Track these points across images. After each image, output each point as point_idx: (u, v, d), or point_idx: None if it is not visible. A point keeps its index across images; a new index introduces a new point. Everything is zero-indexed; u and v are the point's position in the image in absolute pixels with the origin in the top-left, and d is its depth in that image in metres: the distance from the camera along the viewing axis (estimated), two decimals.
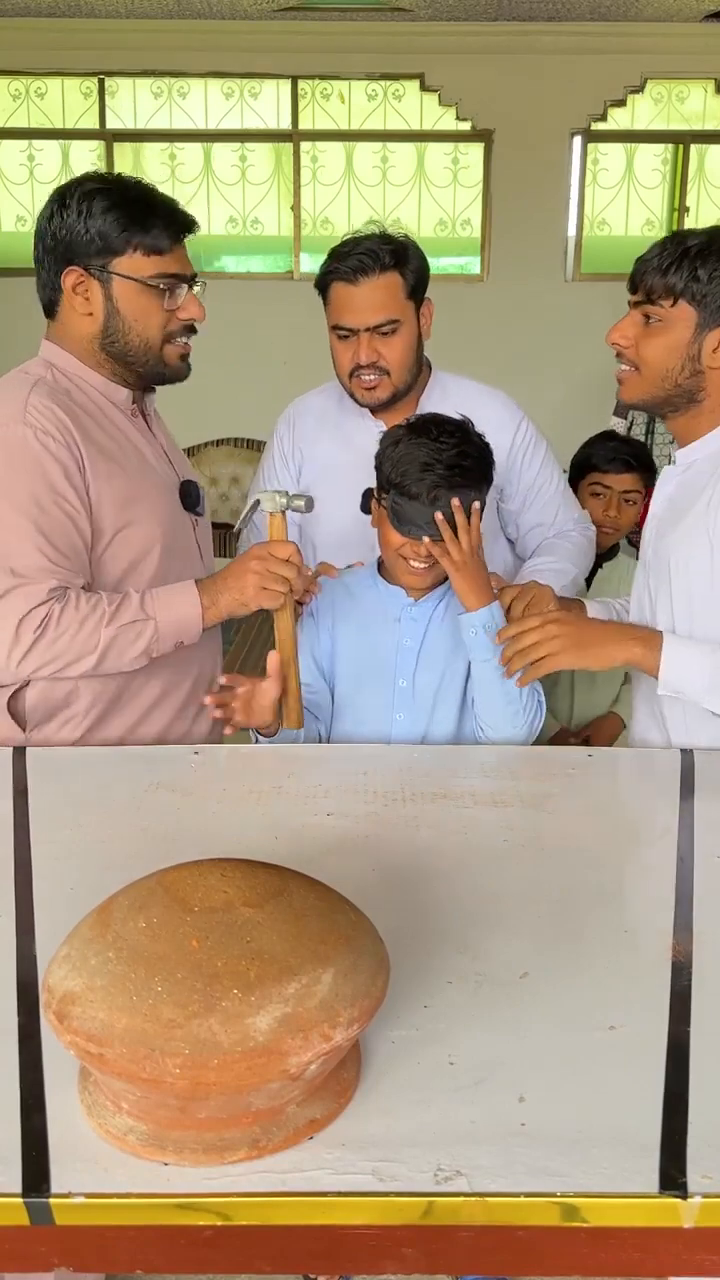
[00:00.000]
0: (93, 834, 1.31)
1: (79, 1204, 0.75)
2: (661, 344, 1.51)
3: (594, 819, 1.41)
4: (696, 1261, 0.78)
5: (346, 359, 1.86)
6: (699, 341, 1.49)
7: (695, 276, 1.46)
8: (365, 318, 1.81)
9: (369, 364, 1.84)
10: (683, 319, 1.49)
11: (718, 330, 1.49)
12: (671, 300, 1.48)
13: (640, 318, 1.53)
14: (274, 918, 0.80)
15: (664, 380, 1.52)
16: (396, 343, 1.83)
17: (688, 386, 1.53)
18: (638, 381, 1.55)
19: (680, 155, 6.41)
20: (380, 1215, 0.76)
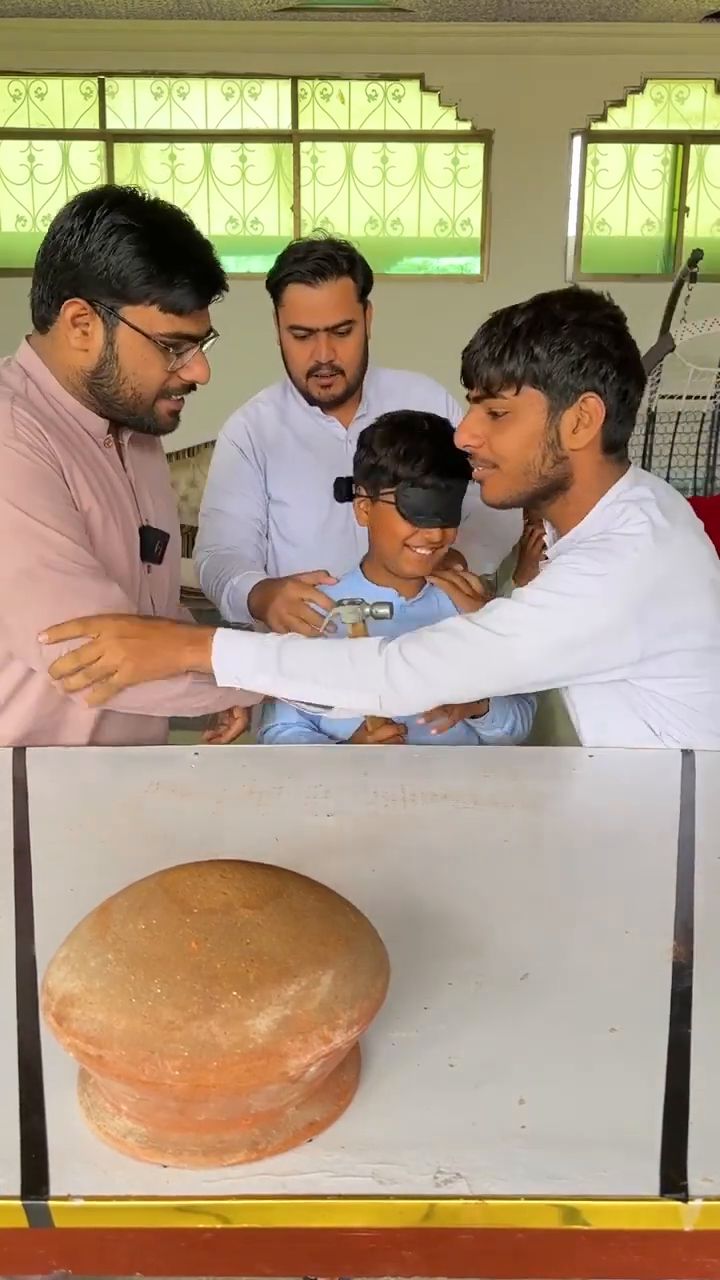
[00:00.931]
0: (93, 834, 1.31)
1: (78, 1206, 0.75)
2: (515, 437, 1.40)
3: (594, 819, 1.41)
4: (697, 1264, 0.78)
5: (304, 358, 1.95)
6: (554, 426, 1.39)
7: (533, 357, 1.35)
8: (324, 318, 1.89)
9: (327, 362, 1.93)
10: (531, 406, 1.38)
11: (572, 409, 1.38)
12: (514, 389, 1.37)
13: (485, 413, 1.42)
14: (273, 919, 0.80)
15: (527, 475, 1.42)
16: (350, 342, 1.94)
17: (554, 476, 1.42)
18: (499, 480, 1.45)
19: (680, 155, 6.41)
20: (380, 1218, 0.76)
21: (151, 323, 1.39)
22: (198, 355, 1.45)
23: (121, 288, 1.37)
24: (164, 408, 1.48)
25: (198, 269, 1.39)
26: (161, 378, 1.44)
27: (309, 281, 1.88)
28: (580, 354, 1.36)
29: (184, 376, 1.45)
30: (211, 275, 1.42)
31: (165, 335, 1.40)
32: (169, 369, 1.43)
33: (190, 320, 1.42)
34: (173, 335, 1.41)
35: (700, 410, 5.70)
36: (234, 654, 1.43)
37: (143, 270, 1.36)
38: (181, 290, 1.38)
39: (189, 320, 1.41)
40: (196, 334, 1.44)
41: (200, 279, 1.40)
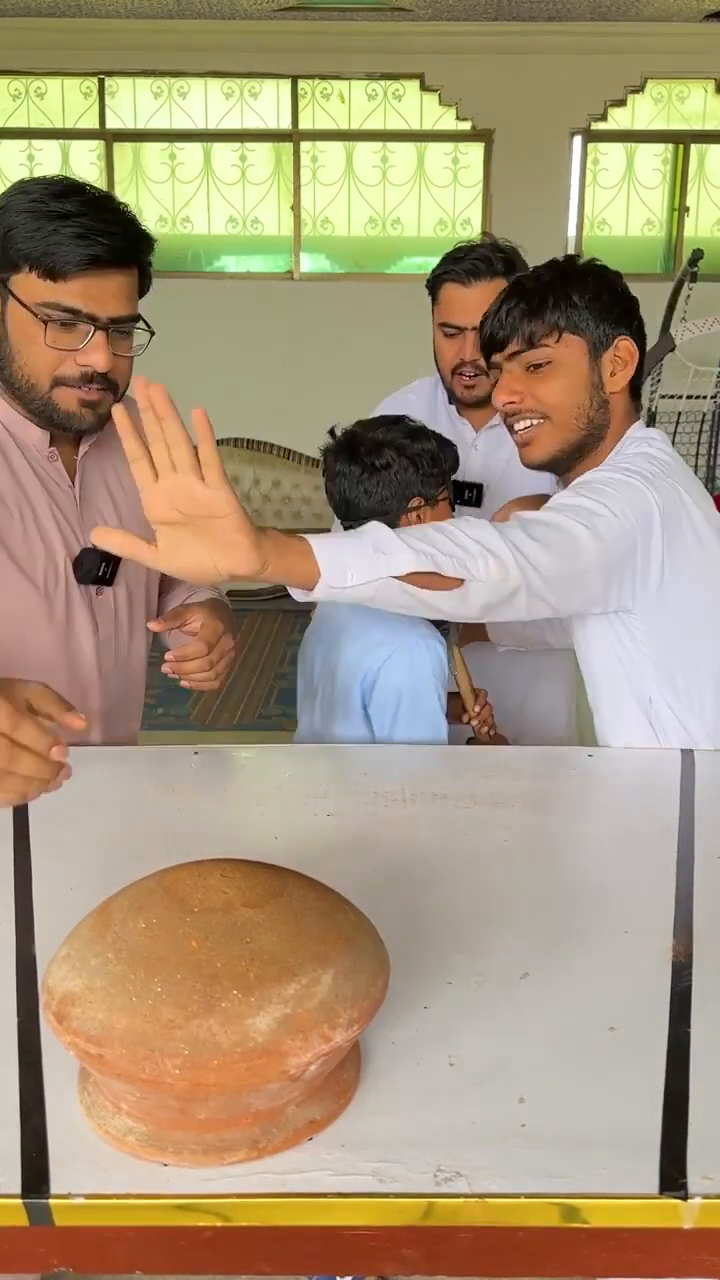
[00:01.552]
0: (93, 834, 1.31)
1: (78, 1205, 0.75)
2: (562, 384, 1.42)
3: (594, 819, 1.41)
4: (697, 1262, 0.78)
5: (451, 355, 1.98)
6: (597, 369, 1.44)
7: (571, 304, 1.41)
8: (474, 317, 1.84)
9: (471, 361, 1.94)
10: (574, 352, 1.42)
11: (609, 352, 1.44)
12: (556, 336, 1.41)
13: (521, 370, 1.44)
14: (274, 918, 0.80)
15: (578, 421, 1.44)
16: None
17: (599, 421, 1.46)
18: (550, 432, 1.45)
19: (680, 155, 6.41)
20: (380, 1216, 0.76)
21: (29, 290, 1.24)
22: (97, 339, 1.27)
23: (4, 251, 1.24)
24: (65, 397, 1.31)
25: (80, 226, 1.21)
26: (47, 358, 1.27)
27: (463, 281, 1.92)
28: (608, 299, 1.44)
29: (78, 361, 1.28)
30: (99, 237, 1.22)
31: (43, 304, 1.24)
32: (51, 346, 1.27)
33: (74, 290, 1.24)
34: (51, 305, 1.24)
35: (700, 410, 5.70)
36: (339, 543, 1.21)
37: (23, 229, 1.22)
38: (57, 250, 1.21)
39: (72, 288, 1.24)
40: (84, 310, 1.26)
41: (79, 238, 1.21)
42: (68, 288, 1.23)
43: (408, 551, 1.20)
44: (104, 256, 1.23)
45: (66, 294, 1.23)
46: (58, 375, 1.30)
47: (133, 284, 1.31)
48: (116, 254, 1.25)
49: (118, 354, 1.31)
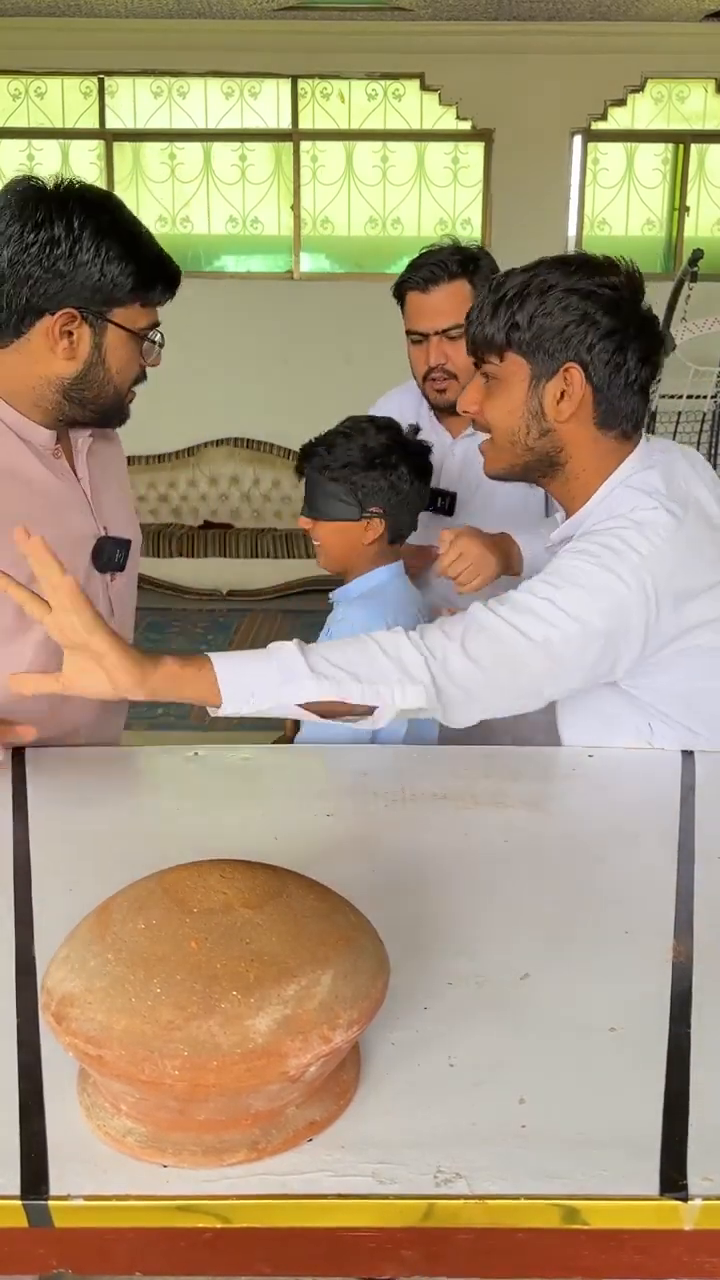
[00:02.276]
0: (93, 834, 1.31)
1: (78, 1206, 0.75)
2: (501, 405, 1.38)
3: (594, 819, 1.41)
4: (697, 1264, 0.78)
5: (420, 362, 2.00)
6: (537, 396, 1.36)
7: (514, 324, 1.33)
8: (434, 322, 1.93)
9: (437, 365, 1.96)
10: (515, 373, 1.36)
11: (555, 380, 1.34)
12: (498, 355, 1.36)
13: (481, 379, 1.41)
14: (273, 919, 0.80)
15: (514, 445, 1.39)
16: (463, 346, 1.88)
17: (542, 449, 1.39)
18: (492, 451, 1.44)
19: (680, 155, 6.41)
20: (380, 1217, 0.76)
21: (134, 319, 1.43)
22: (158, 345, 1.49)
23: (113, 292, 1.38)
24: (129, 400, 1.52)
25: (167, 264, 1.44)
26: (136, 371, 1.48)
27: (421, 288, 1.93)
28: (563, 321, 1.31)
29: (150, 364, 1.49)
30: (174, 269, 1.46)
31: (144, 328, 1.45)
32: (141, 360, 1.47)
33: (155, 313, 1.46)
34: (150, 327, 1.46)
35: (700, 410, 5.70)
36: (241, 670, 1.25)
37: (134, 273, 1.39)
38: (160, 286, 1.43)
39: (154, 313, 1.46)
40: (158, 323, 1.48)
41: (170, 275, 1.44)
42: (155, 312, 1.45)
43: (312, 680, 1.24)
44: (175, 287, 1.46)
45: (155, 316, 1.46)
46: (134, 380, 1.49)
47: None
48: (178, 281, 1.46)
49: None
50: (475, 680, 1.29)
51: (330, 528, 1.75)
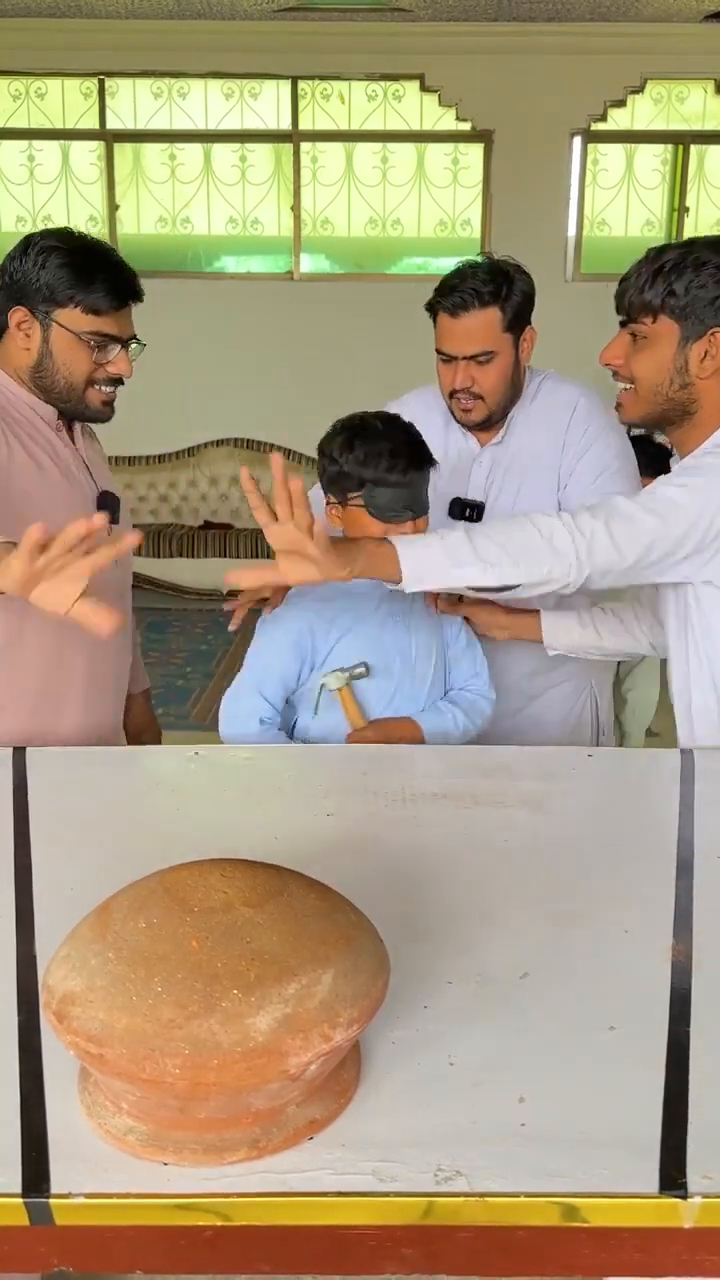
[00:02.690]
0: (93, 834, 1.31)
1: (79, 1204, 0.75)
2: (649, 360, 1.56)
3: (594, 819, 1.41)
4: (697, 1262, 0.78)
5: (447, 381, 2.00)
6: (684, 354, 1.54)
7: (671, 291, 1.51)
8: (463, 347, 1.94)
9: (464, 389, 1.96)
10: (666, 334, 1.54)
11: (701, 341, 1.53)
12: (652, 317, 1.53)
13: (628, 337, 1.58)
14: (274, 918, 0.80)
15: (656, 395, 1.57)
16: (492, 371, 1.96)
17: (680, 400, 1.57)
18: (633, 400, 1.61)
19: (680, 155, 6.41)
20: (380, 1215, 0.76)
21: (75, 321, 1.68)
22: (121, 354, 1.73)
23: (51, 294, 1.67)
24: (94, 396, 1.75)
25: (110, 278, 1.68)
26: (87, 368, 1.71)
27: (452, 313, 1.93)
28: (715, 293, 1.51)
29: (109, 370, 1.73)
30: (125, 285, 1.70)
31: (86, 333, 1.69)
32: (95, 360, 1.71)
33: (109, 321, 1.69)
34: (93, 333, 1.69)
35: None
36: (420, 552, 1.51)
37: (66, 279, 1.66)
38: (98, 295, 1.67)
39: (107, 321, 1.69)
40: (117, 334, 1.71)
41: (113, 287, 1.68)
42: (104, 321, 1.69)
43: (476, 565, 1.50)
44: (128, 300, 1.72)
45: (104, 325, 1.70)
46: (90, 379, 1.73)
47: (131, 313, 1.76)
48: (134, 297, 1.73)
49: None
50: (611, 560, 1.51)
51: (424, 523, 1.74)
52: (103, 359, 1.71)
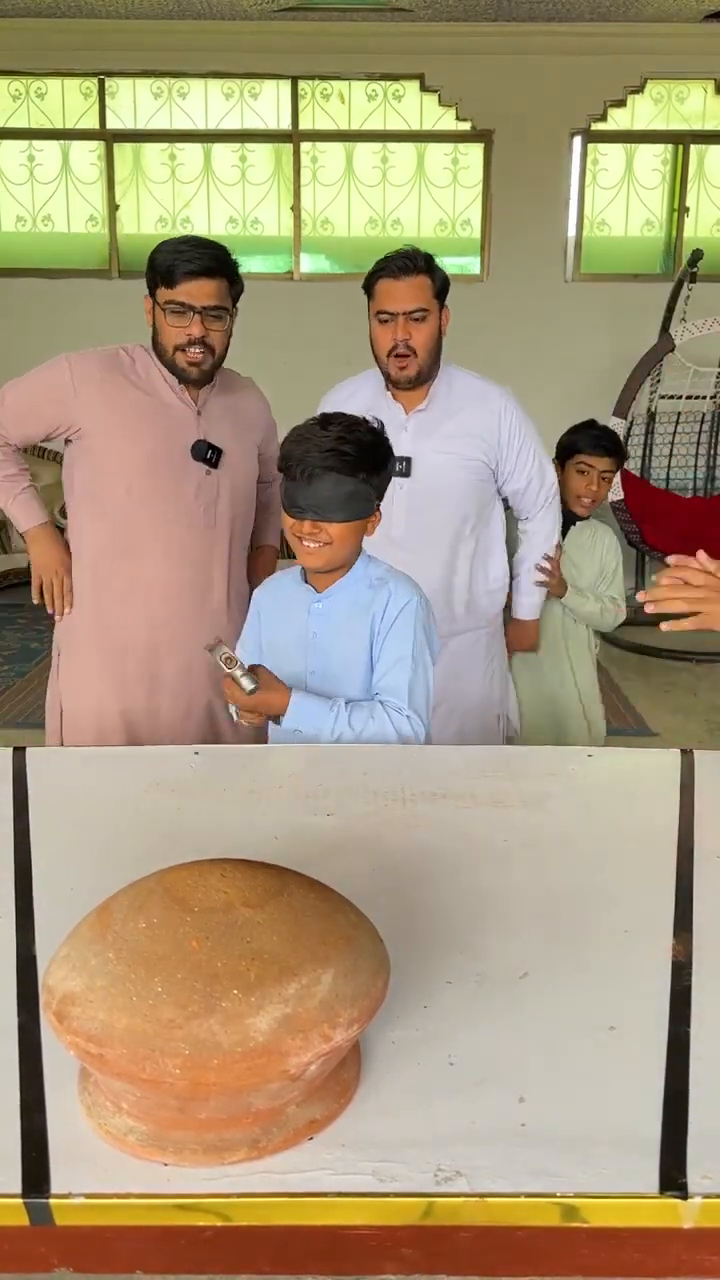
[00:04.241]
0: (93, 834, 1.31)
1: (79, 1204, 0.75)
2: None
3: (594, 819, 1.41)
4: (697, 1262, 0.78)
5: (386, 340, 2.33)
6: None
7: None
8: (404, 304, 2.29)
9: (403, 342, 2.29)
10: None
11: None
12: None
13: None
14: (274, 918, 0.80)
15: None
16: (425, 329, 2.32)
17: None
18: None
19: (680, 155, 6.40)
20: (380, 1215, 0.76)
21: (163, 296, 2.12)
22: (195, 319, 2.11)
23: (153, 277, 2.14)
24: (180, 359, 2.15)
25: (183, 256, 2.09)
26: (172, 335, 2.13)
27: (395, 276, 2.29)
28: None
29: (187, 333, 2.12)
30: (194, 259, 2.09)
31: (165, 303, 2.12)
32: (173, 326, 2.12)
33: (179, 291, 2.09)
34: (168, 302, 2.11)
35: (700, 410, 5.70)
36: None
37: (161, 262, 2.11)
38: (176, 269, 2.09)
39: (179, 291, 2.09)
40: (188, 303, 2.10)
41: (187, 261, 2.08)
42: (174, 291, 2.11)
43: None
44: (196, 270, 2.09)
45: (175, 295, 2.11)
46: (176, 344, 2.14)
47: (220, 287, 2.13)
48: (204, 269, 2.09)
49: (210, 329, 2.14)
50: None
51: (347, 527, 1.73)
52: (182, 324, 2.10)
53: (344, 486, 1.68)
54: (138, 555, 2.19)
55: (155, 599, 2.21)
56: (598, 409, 6.13)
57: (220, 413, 2.26)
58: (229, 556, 2.29)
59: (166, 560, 2.20)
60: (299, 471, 1.69)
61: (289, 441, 1.74)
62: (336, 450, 1.68)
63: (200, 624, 2.22)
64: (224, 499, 2.25)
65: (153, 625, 2.21)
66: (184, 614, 2.22)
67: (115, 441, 2.16)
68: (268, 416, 2.45)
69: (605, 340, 6.16)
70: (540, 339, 6.34)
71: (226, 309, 2.15)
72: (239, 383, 2.38)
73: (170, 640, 2.22)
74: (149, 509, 2.18)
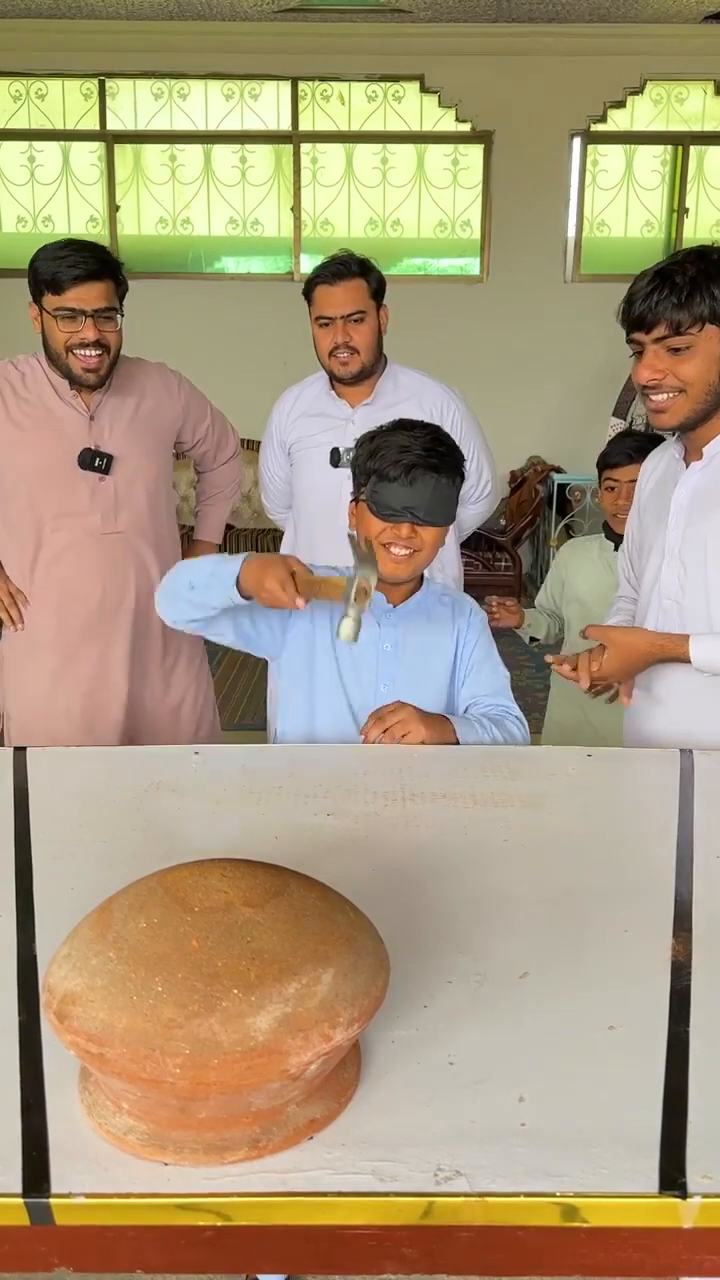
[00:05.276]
0: (93, 834, 1.31)
1: (79, 1204, 0.75)
2: (699, 365, 1.64)
3: (594, 819, 1.41)
4: (696, 1261, 0.78)
5: (327, 342, 2.45)
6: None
7: (715, 298, 1.59)
8: (341, 308, 2.41)
9: (343, 343, 2.42)
10: (710, 338, 1.62)
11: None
12: (699, 326, 1.61)
13: (664, 351, 1.64)
14: (274, 918, 0.80)
15: (708, 394, 1.66)
16: (364, 329, 2.44)
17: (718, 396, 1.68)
18: (684, 403, 1.66)
19: (679, 156, 6.41)
20: (380, 1215, 0.76)
21: (50, 303, 2.12)
22: (87, 322, 2.12)
23: (36, 286, 2.14)
24: (75, 364, 2.16)
25: (67, 261, 2.09)
26: (63, 339, 2.14)
27: (330, 281, 2.42)
28: None
29: (80, 337, 2.12)
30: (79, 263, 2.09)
31: (56, 309, 2.12)
32: (63, 331, 2.13)
33: (68, 298, 2.10)
34: (58, 309, 2.11)
35: None
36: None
37: (43, 269, 2.11)
38: (62, 275, 2.09)
39: (66, 297, 2.10)
40: (78, 307, 2.10)
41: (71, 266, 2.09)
42: (65, 297, 2.11)
43: None
44: (82, 275, 2.09)
45: (63, 301, 2.11)
46: (68, 345, 2.13)
47: (108, 288, 2.14)
48: (89, 272, 2.10)
49: (104, 331, 2.14)
50: None
51: (440, 533, 1.66)
52: (72, 329, 2.11)
53: (443, 489, 1.62)
54: (45, 563, 2.25)
55: (66, 605, 2.27)
56: (598, 409, 6.15)
57: (115, 415, 2.27)
58: (139, 556, 2.30)
59: (71, 567, 2.25)
60: (398, 471, 1.60)
61: (371, 444, 1.66)
62: (435, 450, 1.62)
63: (116, 626, 2.30)
64: (123, 503, 2.27)
65: (64, 630, 2.28)
66: (99, 617, 2.29)
67: (8, 455, 2.20)
68: (183, 401, 2.42)
69: (605, 340, 6.15)
70: (540, 339, 6.35)
71: (116, 309, 2.16)
72: (139, 376, 2.35)
73: (81, 643, 2.28)
74: (46, 519, 2.23)
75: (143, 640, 2.34)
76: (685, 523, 1.74)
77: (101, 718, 2.32)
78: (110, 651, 2.30)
